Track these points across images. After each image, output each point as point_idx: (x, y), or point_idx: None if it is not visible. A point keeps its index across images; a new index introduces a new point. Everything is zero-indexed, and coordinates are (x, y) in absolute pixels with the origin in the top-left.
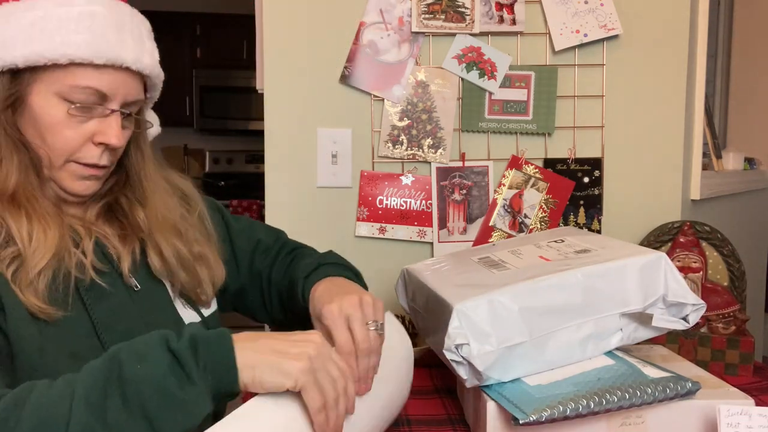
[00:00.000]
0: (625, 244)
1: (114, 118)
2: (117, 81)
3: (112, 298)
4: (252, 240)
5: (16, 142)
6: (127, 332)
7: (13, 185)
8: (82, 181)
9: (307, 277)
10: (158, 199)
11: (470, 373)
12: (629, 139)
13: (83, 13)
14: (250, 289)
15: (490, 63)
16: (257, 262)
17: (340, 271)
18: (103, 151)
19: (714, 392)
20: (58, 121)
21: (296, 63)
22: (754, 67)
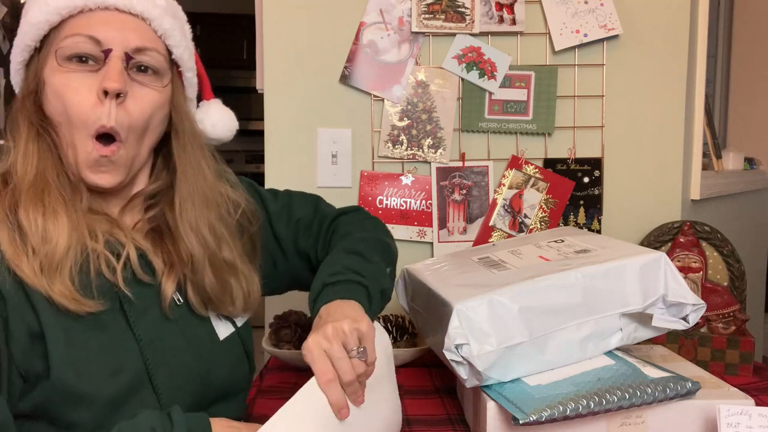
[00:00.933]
0: (625, 244)
1: (112, 62)
2: (108, 23)
3: (155, 312)
4: (292, 221)
5: (40, 129)
6: (168, 346)
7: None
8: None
9: (314, 300)
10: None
11: (470, 373)
12: (629, 139)
13: None
14: (300, 265)
15: (490, 63)
16: (302, 243)
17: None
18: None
19: (714, 392)
20: (66, 82)
21: (296, 63)
22: (754, 67)
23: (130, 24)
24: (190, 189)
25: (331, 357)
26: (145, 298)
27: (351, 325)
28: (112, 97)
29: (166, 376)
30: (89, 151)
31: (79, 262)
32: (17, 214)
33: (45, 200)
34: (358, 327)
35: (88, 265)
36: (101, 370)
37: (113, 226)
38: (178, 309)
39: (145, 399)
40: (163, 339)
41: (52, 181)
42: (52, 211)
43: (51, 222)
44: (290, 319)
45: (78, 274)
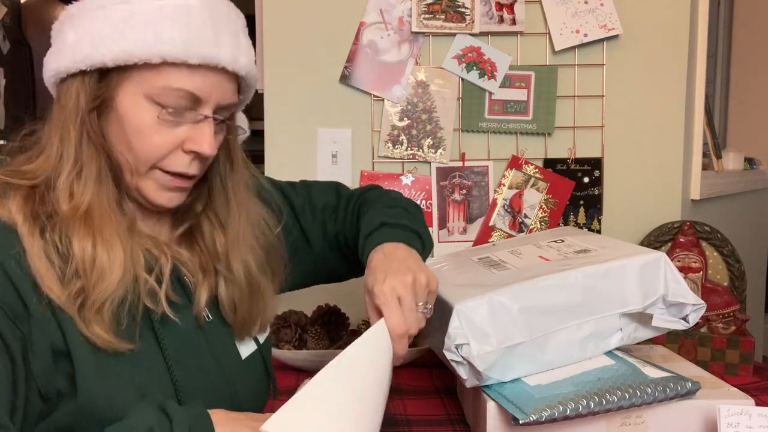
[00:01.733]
0: (625, 244)
1: (207, 125)
2: (212, 83)
3: (184, 330)
4: (316, 210)
5: (98, 147)
6: (198, 368)
7: (89, 200)
8: (166, 192)
9: (367, 237)
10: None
11: (470, 373)
12: (629, 139)
13: (179, 7)
14: (330, 255)
15: (490, 63)
16: (329, 228)
17: (399, 236)
18: (193, 159)
19: (714, 392)
20: (147, 125)
21: (296, 63)
22: (754, 67)
23: (226, 83)
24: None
25: (403, 307)
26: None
27: (428, 279)
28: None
29: (194, 398)
30: (157, 178)
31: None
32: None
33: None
34: (430, 282)
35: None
36: (129, 392)
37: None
38: (208, 326)
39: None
40: (192, 359)
41: (109, 209)
42: (108, 243)
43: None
44: (290, 319)
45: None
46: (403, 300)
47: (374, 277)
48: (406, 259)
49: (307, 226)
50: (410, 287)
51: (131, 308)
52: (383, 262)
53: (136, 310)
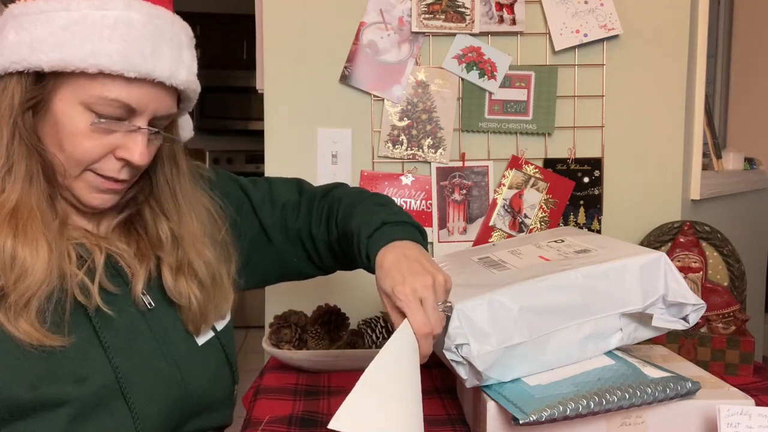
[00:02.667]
0: (625, 244)
1: (140, 135)
2: (148, 95)
3: (124, 318)
4: (276, 205)
5: (30, 147)
6: (142, 355)
7: (16, 198)
8: (98, 194)
9: (370, 236)
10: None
11: (470, 373)
12: (629, 139)
13: (120, 20)
14: (291, 250)
15: (490, 63)
16: (290, 223)
17: (405, 233)
18: (123, 166)
19: (714, 392)
20: (80, 131)
21: (296, 63)
22: (754, 67)
23: (164, 95)
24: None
25: (426, 308)
26: (112, 305)
27: (444, 278)
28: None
29: (139, 384)
30: (89, 180)
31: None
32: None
33: (28, 230)
34: (447, 282)
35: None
36: (67, 377)
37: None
38: (151, 313)
39: (117, 409)
40: (134, 344)
41: (37, 208)
42: (33, 242)
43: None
44: (290, 319)
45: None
46: (425, 301)
47: (392, 278)
48: (420, 258)
49: (266, 222)
50: (431, 288)
51: (59, 304)
52: (398, 263)
53: (65, 306)
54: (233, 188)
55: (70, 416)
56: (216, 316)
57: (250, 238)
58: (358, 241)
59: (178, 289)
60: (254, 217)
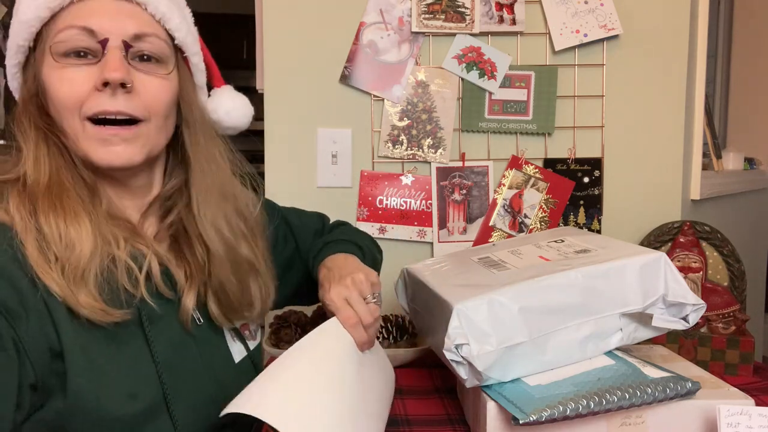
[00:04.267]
0: (625, 244)
1: (111, 53)
2: (102, 12)
3: (174, 333)
4: (310, 232)
5: (43, 128)
6: (188, 372)
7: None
8: (107, 147)
9: (314, 257)
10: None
11: (470, 373)
12: (629, 139)
13: None
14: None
15: (490, 63)
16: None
17: (338, 249)
18: (111, 95)
19: (714, 392)
20: (59, 77)
21: (296, 63)
22: (754, 67)
23: (125, 10)
24: (207, 183)
25: (351, 303)
26: (165, 315)
27: (365, 275)
28: (116, 87)
29: (183, 401)
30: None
31: (104, 269)
32: (37, 220)
33: (65, 204)
34: (370, 276)
35: (112, 273)
36: (119, 393)
37: (134, 234)
38: (198, 329)
39: (161, 426)
40: (182, 362)
41: (69, 184)
42: (73, 215)
43: (73, 227)
44: (290, 319)
45: (103, 282)
46: (349, 299)
47: (323, 288)
48: (344, 264)
49: (303, 246)
50: (351, 286)
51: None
52: (327, 275)
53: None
54: (273, 210)
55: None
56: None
57: (283, 259)
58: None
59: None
60: (292, 240)
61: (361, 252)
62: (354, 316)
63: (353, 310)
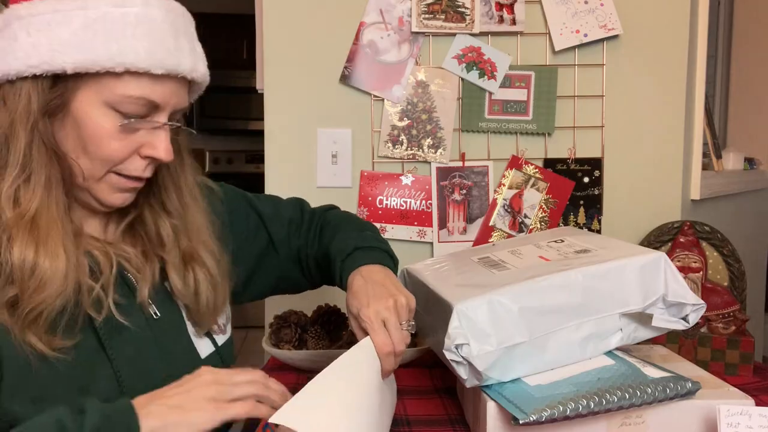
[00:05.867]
0: (625, 244)
1: (164, 131)
2: (171, 90)
3: (130, 331)
4: (284, 221)
5: (51, 153)
6: (145, 367)
7: (36, 207)
8: (120, 194)
9: (343, 261)
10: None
11: (470, 373)
12: (629, 139)
13: (141, 17)
14: (292, 267)
15: (490, 63)
16: (293, 241)
17: (374, 258)
18: (148, 164)
19: (714, 392)
20: (106, 132)
21: (296, 63)
22: (754, 67)
23: (183, 89)
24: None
25: (388, 327)
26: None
27: (407, 300)
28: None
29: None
30: (114, 182)
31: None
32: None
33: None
34: (410, 302)
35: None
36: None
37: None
38: (156, 323)
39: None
40: (140, 355)
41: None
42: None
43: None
44: (290, 319)
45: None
46: (387, 322)
47: (359, 301)
48: (384, 281)
49: (276, 236)
50: (393, 310)
51: (72, 317)
52: (364, 287)
53: (77, 319)
54: (241, 202)
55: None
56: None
57: (257, 250)
58: (334, 265)
59: (187, 284)
60: (264, 231)
61: (393, 262)
62: (390, 343)
63: (389, 335)
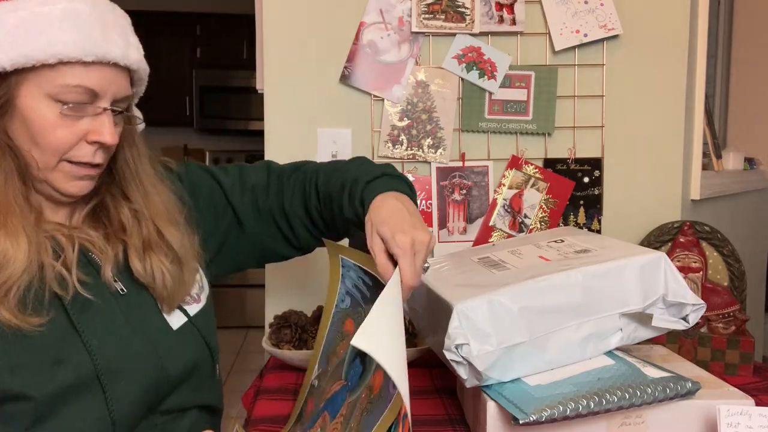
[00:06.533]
0: (625, 244)
1: (106, 116)
2: (106, 77)
3: (97, 306)
4: (246, 189)
5: (5, 148)
6: (117, 340)
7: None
8: (76, 182)
9: (369, 182)
10: (158, 196)
11: (470, 373)
12: (629, 139)
13: (67, 11)
14: (266, 231)
15: (490, 63)
16: (261, 203)
17: (405, 189)
18: (97, 150)
19: (714, 392)
20: (50, 122)
21: (296, 63)
22: (754, 67)
23: (120, 76)
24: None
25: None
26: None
27: (433, 241)
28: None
29: (114, 365)
30: (67, 170)
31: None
32: None
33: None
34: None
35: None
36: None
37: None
38: (124, 298)
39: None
40: (108, 328)
41: (15, 203)
42: (14, 234)
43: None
44: (290, 319)
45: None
46: (418, 255)
47: (394, 225)
48: (418, 215)
49: (238, 206)
50: (426, 246)
51: (38, 293)
52: (399, 212)
53: (44, 295)
54: (204, 177)
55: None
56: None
57: (225, 224)
58: (352, 188)
59: (148, 269)
60: (227, 204)
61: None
62: (417, 277)
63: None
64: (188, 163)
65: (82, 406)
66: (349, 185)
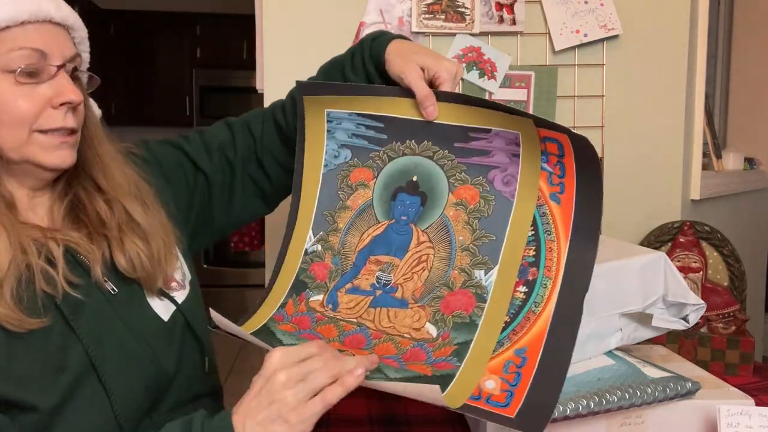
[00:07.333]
0: (624, 244)
1: (63, 75)
2: (47, 34)
3: (91, 306)
4: (212, 149)
5: None
6: (114, 339)
7: None
8: (56, 152)
9: (375, 39)
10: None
11: None
12: (629, 139)
13: None
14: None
15: (490, 63)
16: (231, 158)
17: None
18: (66, 113)
19: (714, 392)
20: (10, 93)
21: (296, 63)
22: (754, 67)
23: (61, 34)
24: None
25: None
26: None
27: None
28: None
29: (111, 365)
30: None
31: (21, 280)
32: None
33: None
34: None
35: (30, 281)
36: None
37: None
38: (115, 298)
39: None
40: (103, 328)
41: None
42: None
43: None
44: None
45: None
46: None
47: (432, 54)
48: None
49: (208, 169)
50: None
51: (30, 294)
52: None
53: (35, 294)
54: (168, 150)
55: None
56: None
57: (199, 191)
58: (354, 56)
59: (128, 257)
60: (196, 170)
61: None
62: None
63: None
64: (147, 141)
65: (88, 411)
66: (350, 57)
